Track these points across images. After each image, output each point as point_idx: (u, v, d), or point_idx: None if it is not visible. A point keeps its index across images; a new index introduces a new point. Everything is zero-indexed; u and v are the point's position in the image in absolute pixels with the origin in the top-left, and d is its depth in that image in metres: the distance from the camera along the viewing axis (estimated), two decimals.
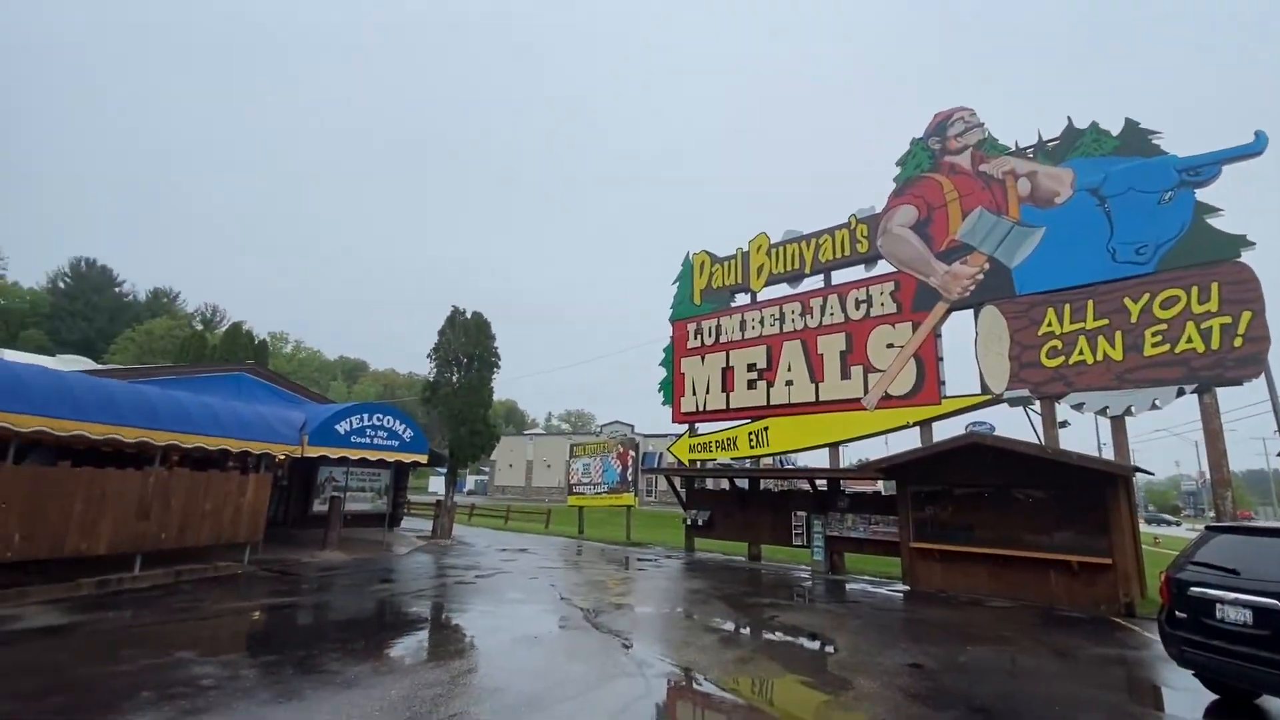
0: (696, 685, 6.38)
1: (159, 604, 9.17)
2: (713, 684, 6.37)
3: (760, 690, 6.34)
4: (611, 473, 24.07)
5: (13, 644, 6.83)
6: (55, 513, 9.26)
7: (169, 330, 60.26)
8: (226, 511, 11.98)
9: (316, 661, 6.49)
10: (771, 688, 6.40)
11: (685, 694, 6.21)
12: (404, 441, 15.75)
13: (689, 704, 6.01)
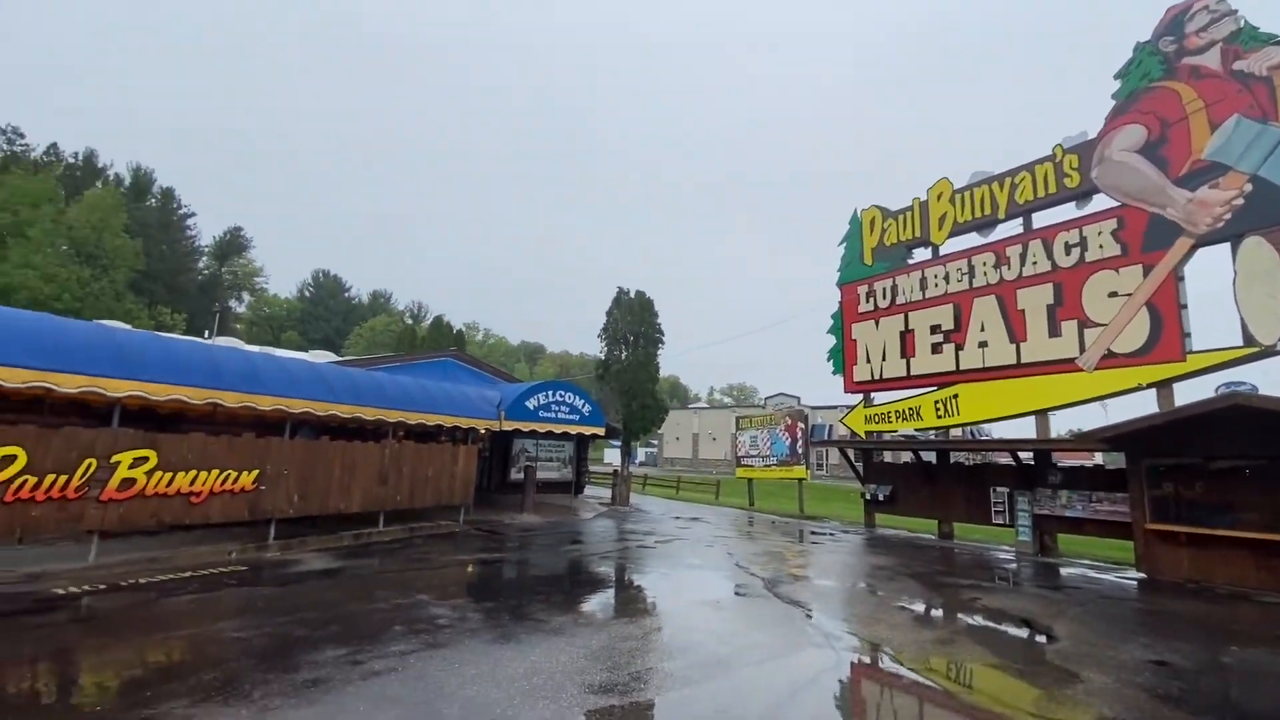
0: (891, 663, 6.08)
1: (399, 554, 10.88)
2: (909, 663, 6.02)
3: (964, 675, 5.86)
4: (780, 445, 23.64)
5: (301, 583, 8.55)
6: (320, 478, 11.36)
7: (386, 326, 70.54)
8: (444, 478, 13.82)
9: (526, 610, 7.27)
10: (978, 674, 5.89)
11: (879, 672, 5.96)
12: (584, 416, 16.89)
13: (884, 682, 5.75)
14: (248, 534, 10.99)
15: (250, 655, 5.37)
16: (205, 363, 9.79)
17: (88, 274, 38.90)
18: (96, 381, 8.31)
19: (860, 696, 5.42)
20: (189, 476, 9.24)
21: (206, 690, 4.56)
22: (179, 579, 8.21)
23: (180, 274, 56.02)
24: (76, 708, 4.23)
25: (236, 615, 6.65)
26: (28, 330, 8.12)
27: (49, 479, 7.91)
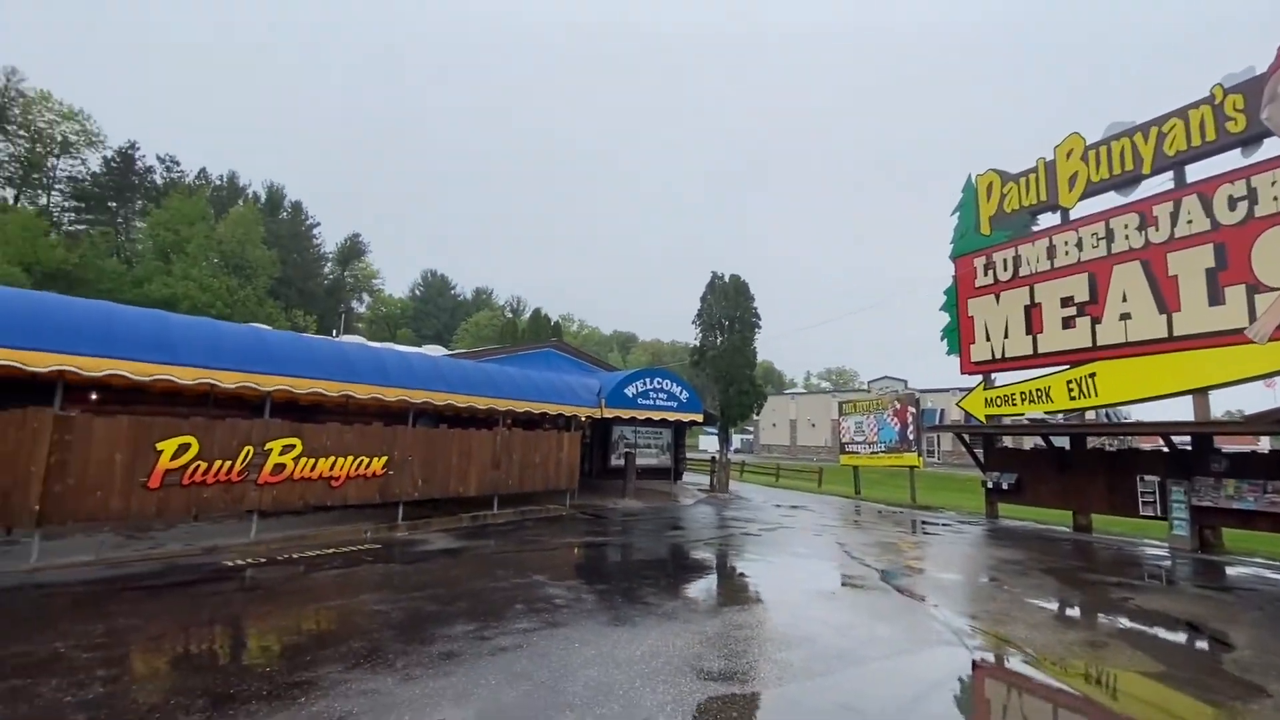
0: (1032, 667, 5.59)
1: (513, 536, 11.40)
2: (1054, 668, 5.52)
3: (1121, 684, 5.28)
4: (889, 431, 22.50)
5: (428, 561, 9.15)
6: (440, 463, 12.11)
7: (489, 320, 74.11)
8: (550, 463, 14.32)
9: (637, 594, 7.38)
10: (1138, 684, 5.29)
11: (1019, 676, 5.50)
12: (681, 402, 16.89)
13: (1027, 689, 5.29)
14: (379, 515, 11.94)
15: (390, 627, 5.81)
16: (338, 358, 10.69)
17: (235, 282, 43.72)
18: (251, 377, 9.30)
19: (1000, 702, 5.04)
20: (329, 462, 10.16)
21: (356, 657, 4.98)
22: (324, 555, 9.06)
23: (310, 279, 61.68)
24: (249, 668, 4.75)
25: (375, 589, 7.23)
26: (196, 334, 9.22)
27: (216, 464, 8.97)
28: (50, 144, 47.09)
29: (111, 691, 4.17)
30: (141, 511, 8.37)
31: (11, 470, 7.43)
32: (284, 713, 3.94)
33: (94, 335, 8.13)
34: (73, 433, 7.88)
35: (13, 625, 5.49)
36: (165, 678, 4.50)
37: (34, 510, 7.53)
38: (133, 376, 8.34)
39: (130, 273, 42.00)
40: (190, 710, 3.92)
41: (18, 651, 4.83)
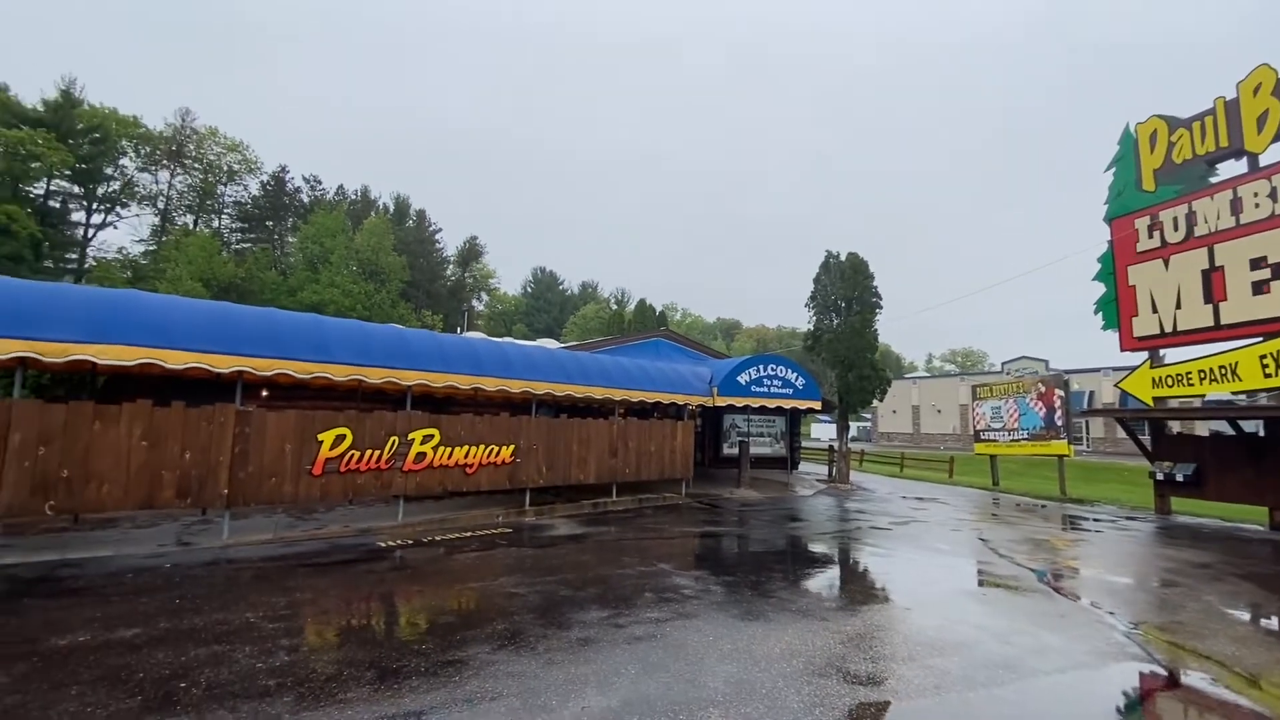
0: (1251, 693, 4.75)
1: (633, 523, 11.53)
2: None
3: None
4: (1032, 416, 20.42)
5: (556, 546, 9.45)
6: (562, 452, 12.49)
7: (596, 313, 75.95)
8: (665, 452, 14.35)
9: (766, 587, 7.15)
10: None
11: (1234, 708, 4.68)
12: (797, 389, 16.29)
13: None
14: (508, 500, 12.53)
15: (528, 610, 6.01)
16: (467, 353, 11.29)
17: (371, 287, 47.86)
18: (394, 373, 10.05)
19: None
20: (463, 450, 10.79)
21: (500, 639, 5.18)
22: (462, 538, 9.62)
23: (434, 281, 66.28)
24: (407, 644, 5.07)
25: (510, 572, 7.54)
26: (347, 334, 10.09)
27: (368, 453, 9.78)
28: (219, 174, 53.91)
29: (293, 660, 4.61)
30: (308, 496, 9.32)
31: (205, 459, 8.52)
32: (441, 690, 4.15)
33: (264, 338, 9.11)
34: (250, 425, 8.90)
35: (212, 595, 6.27)
36: (337, 649, 4.92)
37: (223, 494, 8.59)
38: (296, 375, 9.27)
39: (285, 283, 47.26)
40: (360, 682, 4.23)
41: (218, 619, 5.49)
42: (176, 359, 8.30)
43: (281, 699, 3.93)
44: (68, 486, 7.64)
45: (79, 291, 8.58)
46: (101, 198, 46.94)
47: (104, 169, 45.95)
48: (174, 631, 5.13)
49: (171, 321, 8.55)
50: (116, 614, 5.56)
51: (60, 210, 44.42)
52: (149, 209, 50.50)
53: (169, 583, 6.67)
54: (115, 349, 7.90)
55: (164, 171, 51.08)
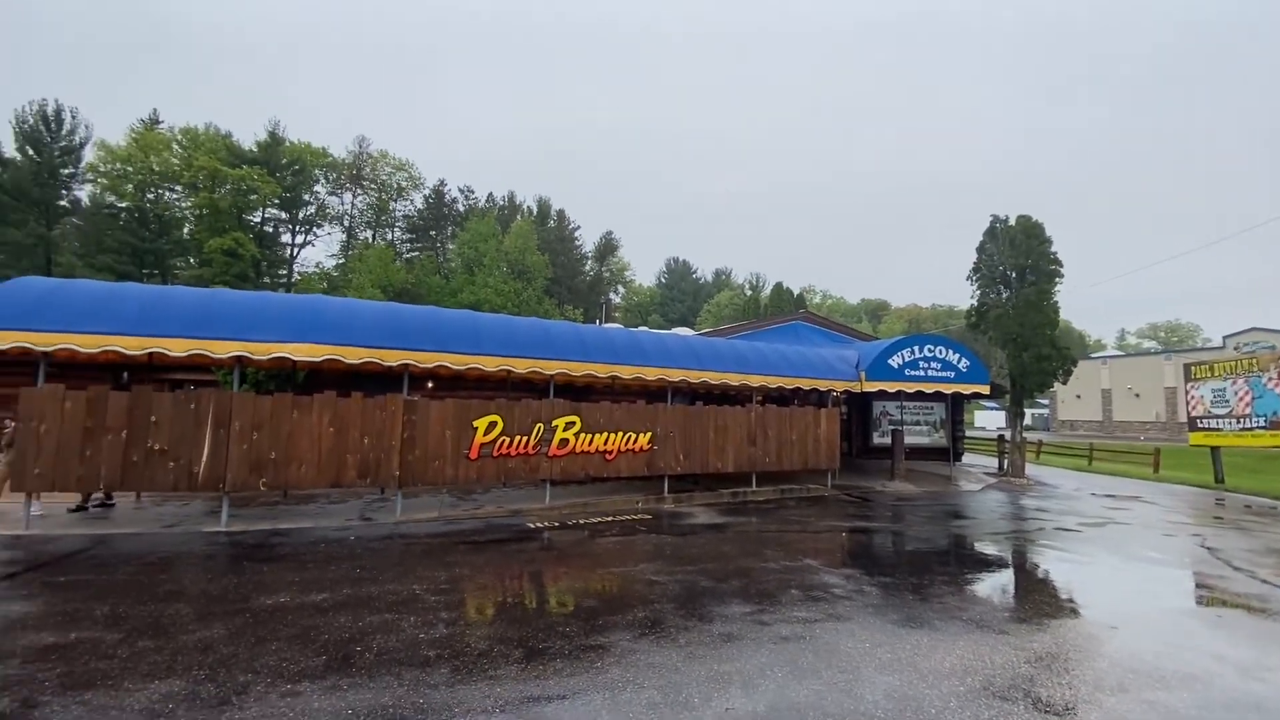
0: None
1: (774, 515, 11.07)
2: None
3: None
4: (1271, 399, 16.67)
5: (696, 534, 9.30)
6: (699, 440, 12.32)
7: (730, 300, 75.00)
8: (808, 441, 13.64)
9: (930, 591, 6.42)
10: None
11: None
12: (960, 372, 14.66)
13: None
14: (647, 488, 12.63)
15: (669, 599, 5.90)
16: (604, 343, 11.51)
17: (519, 286, 51.16)
18: (538, 363, 10.51)
19: None
20: (603, 437, 11.03)
21: (641, 627, 5.11)
22: (604, 522, 9.82)
23: (574, 277, 69.40)
24: (553, 626, 5.17)
25: (650, 559, 7.51)
26: (496, 329, 10.76)
27: (516, 439, 10.33)
28: (390, 192, 60.62)
29: (451, 634, 4.88)
30: (465, 478, 10.05)
31: (379, 444, 9.48)
32: (583, 675, 4.14)
33: (426, 334, 9.93)
34: (416, 413, 9.75)
35: (386, 567, 6.91)
36: (489, 625, 5.14)
37: (395, 475, 9.51)
38: (453, 366, 10.01)
39: (448, 285, 52.03)
40: (509, 660, 4.36)
41: (390, 589, 6.01)
42: (354, 354, 9.30)
43: (439, 670, 4.15)
44: (275, 466, 8.87)
45: (280, 299, 9.93)
46: (302, 220, 54.82)
47: (303, 196, 53.60)
48: (354, 598, 5.69)
49: (351, 322, 9.59)
50: (310, 579, 6.30)
51: (272, 234, 52.54)
52: (338, 227, 58.18)
53: (352, 553, 7.48)
54: (307, 347, 9.01)
55: (347, 193, 58.45)
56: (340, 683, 3.93)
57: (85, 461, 8.08)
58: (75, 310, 8.22)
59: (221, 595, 5.77)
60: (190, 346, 8.45)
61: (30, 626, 4.90)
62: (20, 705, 3.58)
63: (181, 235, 47.45)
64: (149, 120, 48.45)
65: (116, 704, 3.59)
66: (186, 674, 4.01)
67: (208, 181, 45.34)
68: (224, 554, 7.42)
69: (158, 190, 47.25)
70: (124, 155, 45.65)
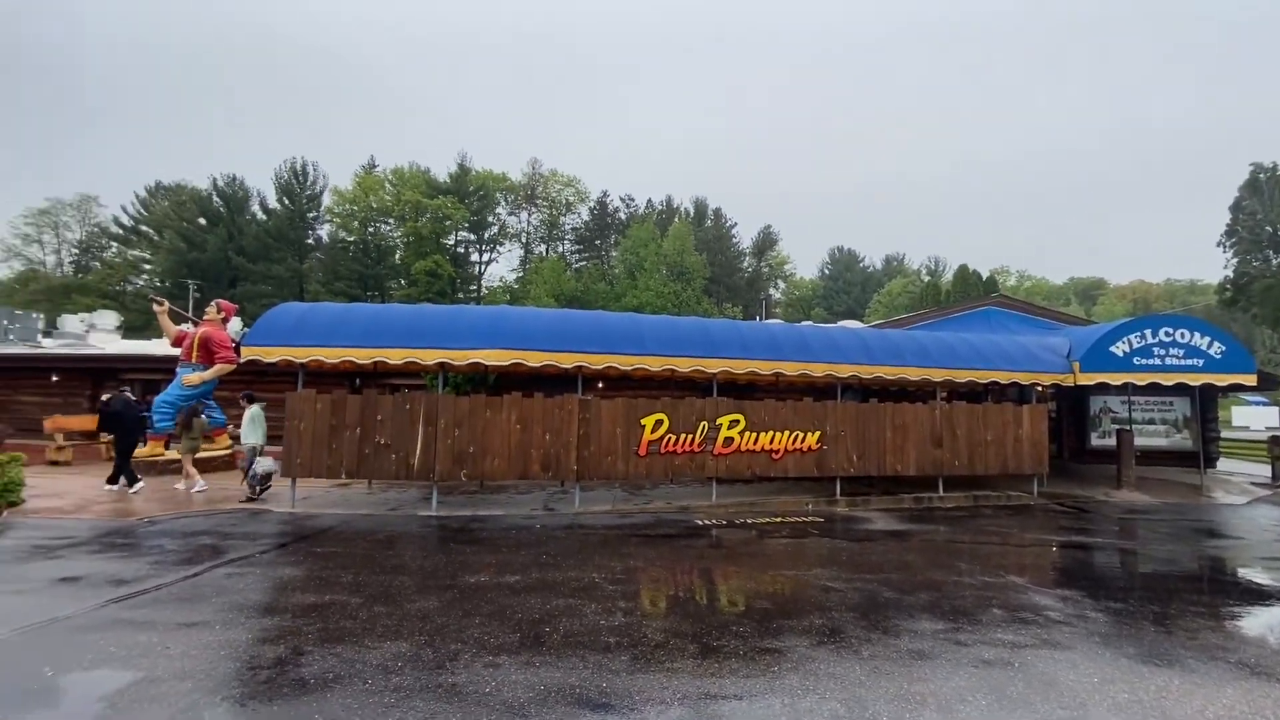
0: None
1: (966, 524, 9.98)
2: None
3: None
4: None
5: (874, 541, 8.70)
6: (874, 439, 11.51)
7: (904, 288, 69.24)
8: (1007, 442, 12.10)
9: (1180, 623, 5.32)
10: None
11: None
12: (1211, 359, 12.00)
13: None
14: (816, 489, 12.09)
15: (847, 608, 5.57)
16: (767, 340, 11.25)
17: (678, 287, 52.09)
18: (700, 362, 10.59)
19: None
20: (768, 436, 10.78)
21: (818, 635, 4.88)
22: (772, 523, 9.58)
23: (732, 274, 69.00)
24: (725, 625, 5.14)
25: (825, 564, 7.16)
26: (659, 330, 11.06)
27: (682, 436, 10.49)
28: (560, 207, 65.22)
29: (628, 623, 5.07)
30: (635, 473, 10.44)
31: (558, 440, 10.19)
32: (760, 679, 4.05)
33: (595, 338, 10.49)
34: (589, 412, 10.33)
35: (568, 555, 7.39)
36: (664, 617, 5.26)
37: (573, 470, 10.16)
38: (621, 367, 10.45)
39: (612, 290, 54.65)
40: (684, 654, 4.41)
41: (572, 576, 6.41)
42: (535, 358, 10.11)
43: (619, 657, 4.33)
44: (473, 459, 9.94)
45: (473, 311, 11.13)
46: (486, 240, 61.02)
47: (487, 218, 59.65)
48: (542, 582, 6.17)
49: (531, 329, 10.45)
50: (505, 562, 6.95)
51: (463, 254, 59.14)
52: (516, 244, 63.91)
53: (539, 541, 8.12)
54: (496, 352, 9.98)
55: (523, 212, 63.97)
56: (533, 659, 4.27)
57: (331, 453, 9.75)
58: (321, 329, 9.95)
59: (434, 571, 6.58)
60: (405, 355, 9.81)
61: (296, 588, 6.00)
62: (291, 652, 4.38)
63: (394, 260, 55.34)
64: (367, 166, 57.27)
65: (360, 659, 4.25)
66: (410, 638, 4.63)
67: (412, 213, 52.43)
68: (434, 535, 8.48)
69: (375, 224, 55.62)
70: (351, 197, 54.45)
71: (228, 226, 52.70)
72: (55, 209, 56.47)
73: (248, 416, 11.39)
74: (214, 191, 55.12)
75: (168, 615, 5.11)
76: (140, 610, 5.22)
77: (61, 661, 4.14)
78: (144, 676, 3.92)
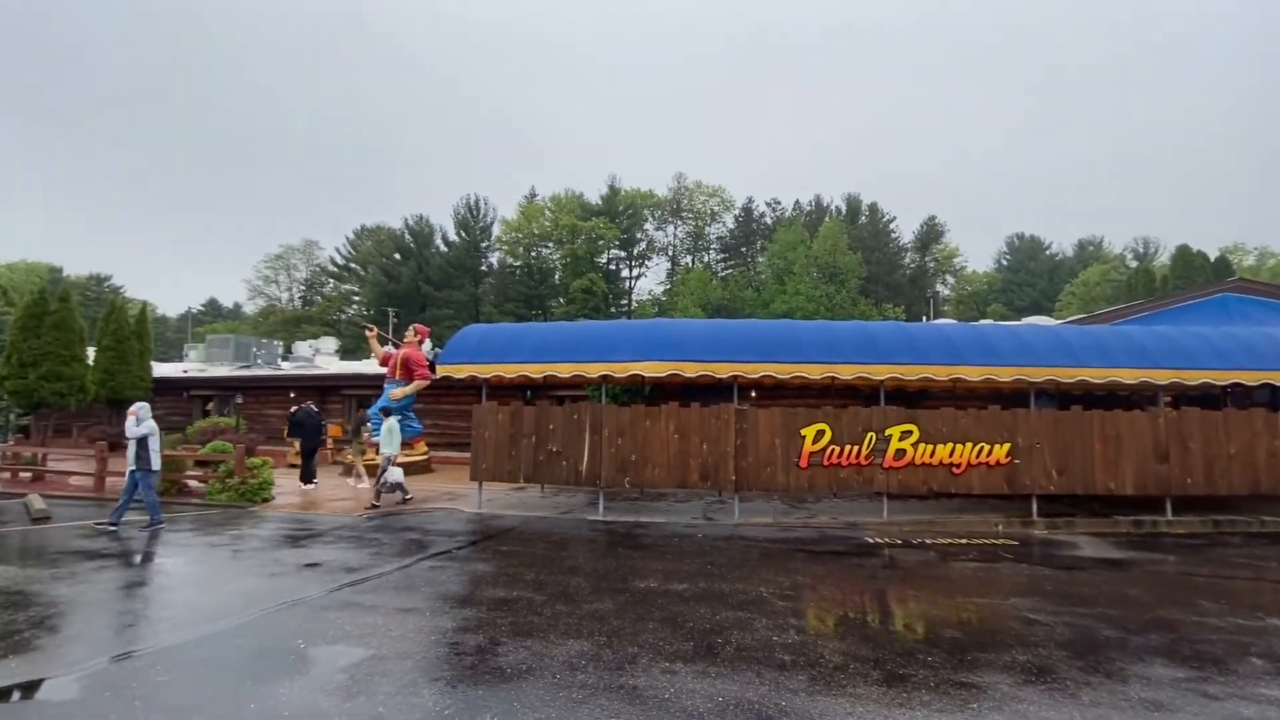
0: None
1: (1205, 553, 8.38)
2: None
3: None
4: None
5: (1084, 570, 7.58)
6: (1078, 452, 10.06)
7: (1103, 275, 59.79)
8: (1257, 455, 9.95)
9: None
10: None
11: None
12: None
13: None
14: (1006, 508, 10.85)
15: (1056, 644, 4.92)
16: (941, 342, 10.35)
17: (831, 289, 49.83)
18: (864, 368, 10.01)
19: None
20: (947, 448, 9.87)
21: (1023, 672, 4.37)
22: (955, 544, 8.75)
23: (892, 272, 64.51)
24: (910, 652, 4.78)
25: (1024, 594, 6.39)
26: (816, 335, 10.68)
27: (846, 448, 9.98)
28: (705, 218, 65.68)
29: (803, 641, 4.93)
30: (796, 485, 10.14)
31: (716, 449, 10.22)
32: (959, 714, 3.72)
33: (750, 346, 10.40)
34: (746, 422, 10.25)
35: (731, 566, 7.37)
36: (840, 639, 5.03)
37: (731, 480, 10.12)
38: (777, 375, 10.25)
39: (759, 297, 53.74)
40: (867, 680, 4.19)
41: (738, 589, 6.38)
42: (691, 369, 10.26)
43: (796, 676, 4.23)
44: (634, 467, 10.32)
45: (630, 325, 11.62)
46: (636, 255, 63.28)
47: (636, 235, 61.90)
48: (708, 592, 6.22)
49: (685, 340, 10.64)
50: (670, 569, 7.11)
51: (614, 270, 61.80)
52: (664, 257, 65.49)
53: (701, 550, 8.19)
54: (653, 364, 10.29)
55: (669, 226, 65.41)
56: (708, 670, 4.31)
57: (511, 459, 10.68)
58: (499, 347, 10.98)
59: (605, 574, 6.93)
60: (572, 369, 10.48)
61: (488, 582, 6.64)
62: (489, 642, 4.85)
63: (554, 280, 59.33)
64: (529, 195, 62.23)
65: (547, 653, 4.59)
66: (590, 638, 4.91)
67: (569, 235, 55.97)
68: (603, 539, 8.92)
69: (537, 248, 60.15)
70: (515, 225, 59.49)
71: (417, 259, 60.24)
72: (286, 254, 68.74)
73: (385, 428, 11.86)
74: (405, 230, 63.39)
75: (387, 600, 5.92)
76: (366, 595, 6.10)
77: (310, 635, 4.97)
78: (373, 654, 4.58)
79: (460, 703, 3.78)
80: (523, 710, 3.67)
